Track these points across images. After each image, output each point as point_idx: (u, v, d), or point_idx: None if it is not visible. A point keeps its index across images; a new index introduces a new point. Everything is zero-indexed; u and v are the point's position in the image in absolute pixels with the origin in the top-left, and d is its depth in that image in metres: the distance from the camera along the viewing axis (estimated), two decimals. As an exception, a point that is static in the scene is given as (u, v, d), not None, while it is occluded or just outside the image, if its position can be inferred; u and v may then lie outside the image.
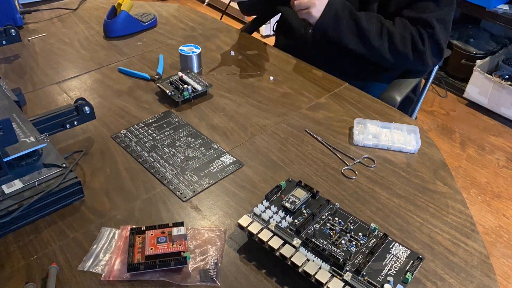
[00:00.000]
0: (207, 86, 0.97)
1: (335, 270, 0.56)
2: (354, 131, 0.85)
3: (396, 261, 0.58)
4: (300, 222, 0.62)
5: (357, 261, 0.58)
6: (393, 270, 0.57)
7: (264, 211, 0.63)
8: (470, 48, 2.30)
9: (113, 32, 1.23)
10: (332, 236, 0.61)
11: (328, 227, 0.63)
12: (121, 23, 1.23)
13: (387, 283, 0.55)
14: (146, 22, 1.27)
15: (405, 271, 0.57)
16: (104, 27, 1.24)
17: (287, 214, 0.64)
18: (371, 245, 0.60)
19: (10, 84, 0.99)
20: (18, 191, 0.67)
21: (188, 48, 1.06)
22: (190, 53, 1.04)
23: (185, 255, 0.60)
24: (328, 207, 0.65)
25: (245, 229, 0.62)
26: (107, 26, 1.23)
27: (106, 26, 1.23)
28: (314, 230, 0.62)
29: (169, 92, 0.94)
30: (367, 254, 0.58)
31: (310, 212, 0.64)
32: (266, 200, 0.66)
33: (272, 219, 0.63)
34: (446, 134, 2.14)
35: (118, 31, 1.23)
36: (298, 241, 0.60)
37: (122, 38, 1.22)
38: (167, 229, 0.63)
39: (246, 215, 0.63)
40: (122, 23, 1.23)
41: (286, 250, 0.58)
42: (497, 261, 1.54)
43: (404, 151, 0.82)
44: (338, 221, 0.64)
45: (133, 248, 0.61)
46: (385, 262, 0.58)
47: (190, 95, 0.94)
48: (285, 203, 0.65)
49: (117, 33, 1.23)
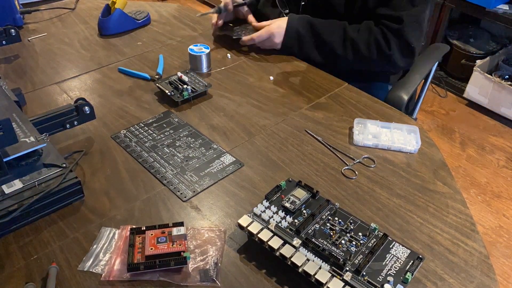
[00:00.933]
0: (207, 86, 0.97)
1: (335, 270, 0.56)
2: (354, 131, 0.85)
3: (396, 261, 0.58)
4: (300, 222, 0.62)
5: (357, 261, 0.58)
6: (393, 270, 0.57)
7: (264, 211, 0.64)
8: (470, 48, 2.30)
9: (107, 30, 1.23)
10: (332, 236, 0.61)
11: (328, 227, 0.63)
12: (115, 21, 1.23)
13: (387, 283, 0.55)
14: (140, 19, 1.28)
15: (405, 271, 0.57)
16: (98, 25, 1.24)
17: (287, 214, 0.64)
18: (371, 245, 0.60)
19: (10, 84, 0.99)
20: (18, 191, 0.67)
21: (197, 48, 1.06)
22: (199, 52, 1.05)
23: (185, 255, 0.60)
24: (328, 207, 0.66)
25: (245, 229, 0.62)
26: (101, 24, 1.23)
27: (101, 24, 1.23)
28: (314, 230, 0.62)
29: (169, 92, 0.94)
30: (367, 254, 0.58)
31: (310, 212, 0.64)
32: (266, 200, 0.66)
33: (272, 219, 0.63)
34: (446, 134, 2.14)
35: (113, 29, 1.23)
36: (298, 241, 0.60)
37: (122, 38, 1.22)
38: (167, 229, 0.63)
39: (246, 215, 0.63)
40: (116, 21, 1.23)
41: (286, 250, 0.59)
42: (497, 261, 1.54)
43: (404, 151, 0.82)
44: (338, 221, 0.64)
45: (133, 248, 0.61)
46: (385, 262, 0.58)
47: (190, 95, 0.94)
48: (285, 203, 0.65)
49: (112, 31, 1.23)
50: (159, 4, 1.44)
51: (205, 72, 1.07)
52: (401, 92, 1.08)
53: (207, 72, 1.07)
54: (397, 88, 1.10)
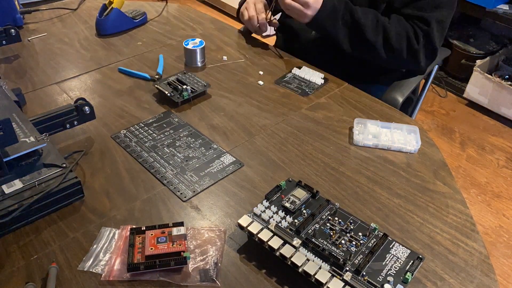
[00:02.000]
0: (206, 85, 0.97)
1: (335, 270, 0.56)
2: (354, 131, 0.85)
3: (396, 261, 0.58)
4: (300, 222, 0.62)
5: (357, 261, 0.58)
6: (393, 270, 0.57)
7: (264, 211, 0.64)
8: (470, 48, 2.30)
9: (105, 30, 1.23)
10: (332, 236, 0.61)
11: (328, 227, 0.63)
12: (113, 20, 1.22)
13: (387, 283, 0.55)
14: (137, 19, 1.28)
15: (405, 271, 0.57)
16: (96, 25, 1.24)
17: (287, 214, 0.64)
18: (371, 245, 0.60)
19: (10, 84, 0.99)
20: (18, 191, 0.67)
21: (192, 42, 1.07)
22: (193, 47, 1.05)
23: (185, 255, 0.60)
24: (328, 207, 0.65)
25: (245, 229, 0.62)
26: (99, 24, 1.23)
27: (98, 24, 1.23)
28: (314, 230, 0.62)
29: (168, 93, 0.94)
30: (367, 254, 0.58)
31: (310, 212, 0.64)
32: (266, 200, 0.66)
33: (272, 219, 0.63)
34: (446, 134, 2.14)
35: (111, 28, 1.23)
36: (298, 241, 0.59)
37: (122, 38, 1.22)
38: (167, 229, 0.63)
39: (246, 215, 0.63)
40: (114, 21, 1.23)
41: (286, 250, 0.58)
42: (497, 261, 1.54)
43: (404, 151, 0.82)
44: (338, 221, 0.64)
45: (133, 248, 0.61)
46: (385, 262, 0.58)
47: (190, 96, 0.94)
48: (285, 203, 0.65)
49: (110, 30, 1.23)
50: (159, 4, 1.44)
51: (200, 66, 1.07)
52: (396, 94, 1.08)
53: (201, 66, 1.07)
54: (393, 89, 1.10)
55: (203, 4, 3.39)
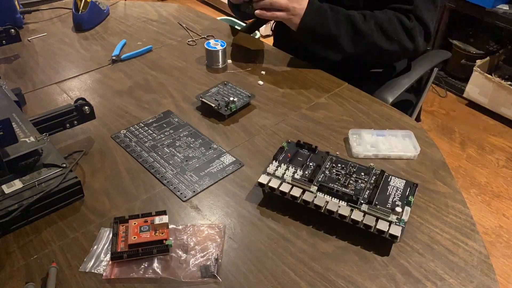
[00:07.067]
0: (250, 96, 0.93)
1: (351, 205, 0.65)
2: (352, 143, 0.82)
3: (397, 190, 0.69)
4: (310, 173, 0.70)
5: (366, 195, 0.67)
6: (397, 197, 0.67)
7: (276, 169, 0.71)
8: (470, 48, 2.30)
9: (88, 24, 1.25)
10: (340, 179, 0.70)
11: (334, 173, 0.71)
12: (93, 13, 1.25)
13: (397, 207, 0.64)
14: (104, 9, 1.30)
15: (407, 195, 0.67)
16: (78, 21, 1.25)
17: (297, 169, 0.71)
18: (373, 181, 0.70)
19: (10, 84, 0.99)
20: (18, 191, 0.67)
21: (214, 43, 1.07)
22: (215, 47, 1.06)
23: (167, 243, 0.61)
24: (329, 158, 0.74)
25: (265, 186, 0.68)
26: (81, 20, 1.24)
27: (81, 20, 1.24)
28: (324, 177, 0.70)
29: (215, 106, 0.89)
30: (372, 189, 0.68)
31: (316, 164, 0.72)
32: (275, 161, 0.73)
33: (286, 175, 0.70)
34: (446, 134, 2.14)
35: (92, 21, 1.26)
36: (314, 187, 0.68)
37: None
38: (149, 218, 0.65)
39: (263, 175, 0.70)
40: (93, 13, 1.26)
41: (307, 196, 0.66)
42: (497, 261, 1.54)
43: (404, 158, 0.80)
44: (341, 167, 0.73)
45: (116, 237, 0.62)
46: (388, 193, 0.68)
47: (237, 107, 0.91)
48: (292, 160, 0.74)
49: (90, 24, 1.25)
50: (159, 4, 1.44)
51: (221, 67, 1.08)
52: (386, 94, 1.06)
53: (222, 67, 1.08)
54: (384, 89, 1.08)
55: (203, 4, 3.39)
